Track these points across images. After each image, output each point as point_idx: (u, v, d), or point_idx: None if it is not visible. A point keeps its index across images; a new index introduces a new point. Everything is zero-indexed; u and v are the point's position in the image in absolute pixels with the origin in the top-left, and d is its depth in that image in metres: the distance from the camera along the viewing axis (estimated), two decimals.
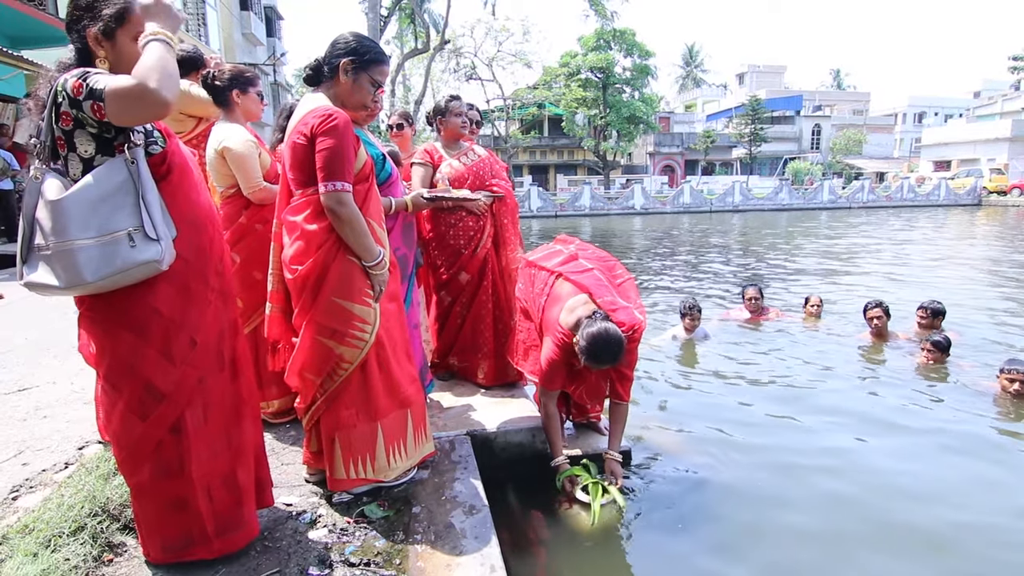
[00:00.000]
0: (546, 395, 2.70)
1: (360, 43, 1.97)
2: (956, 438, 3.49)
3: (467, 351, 3.29)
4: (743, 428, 3.65)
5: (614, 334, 2.39)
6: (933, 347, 4.54)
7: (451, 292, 3.24)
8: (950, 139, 39.78)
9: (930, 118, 49.84)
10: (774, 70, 52.20)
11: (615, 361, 2.43)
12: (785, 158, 41.90)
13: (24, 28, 8.94)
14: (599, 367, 2.49)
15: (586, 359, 2.43)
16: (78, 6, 1.47)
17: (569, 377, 2.75)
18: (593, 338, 2.38)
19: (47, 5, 9.39)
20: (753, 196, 30.33)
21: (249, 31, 24.10)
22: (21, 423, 2.57)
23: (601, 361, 2.42)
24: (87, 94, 1.37)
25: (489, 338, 3.25)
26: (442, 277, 3.22)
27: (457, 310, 3.25)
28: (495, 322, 3.27)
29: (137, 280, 1.46)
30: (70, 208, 1.37)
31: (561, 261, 2.90)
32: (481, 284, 3.22)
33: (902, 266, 10.57)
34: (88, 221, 1.38)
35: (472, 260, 3.18)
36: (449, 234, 3.16)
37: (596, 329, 2.39)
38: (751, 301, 5.97)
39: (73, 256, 1.37)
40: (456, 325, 3.28)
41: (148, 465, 1.59)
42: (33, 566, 1.58)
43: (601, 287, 2.71)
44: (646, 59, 33.98)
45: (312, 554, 1.80)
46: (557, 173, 42.10)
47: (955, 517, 2.71)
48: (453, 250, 3.17)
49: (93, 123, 1.41)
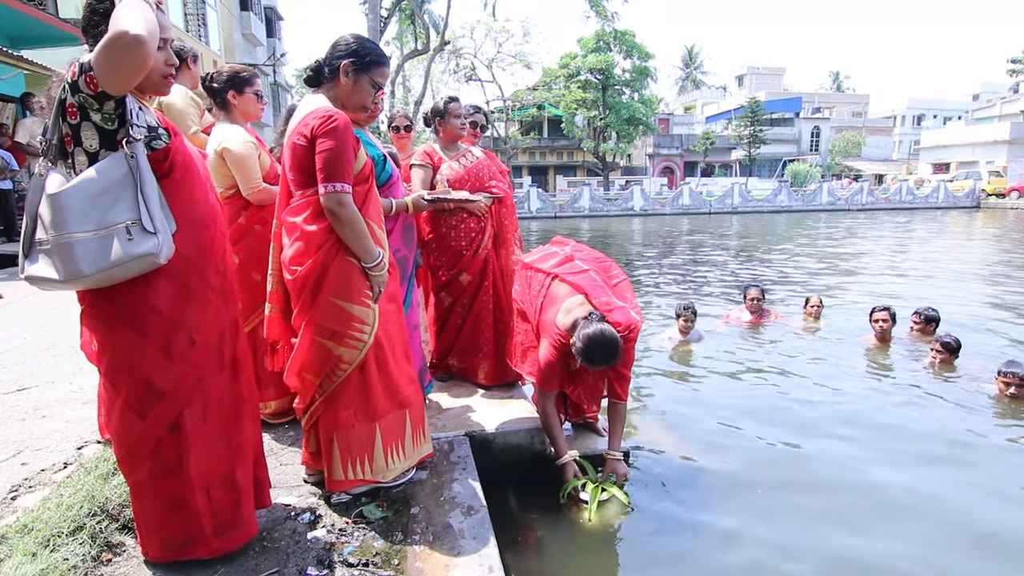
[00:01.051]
0: (544, 396, 2.70)
1: (361, 45, 1.97)
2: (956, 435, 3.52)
3: (467, 352, 3.29)
4: (737, 428, 3.67)
5: (610, 335, 2.40)
6: (942, 347, 4.55)
7: (452, 293, 3.24)
8: (949, 141, 39.85)
9: (929, 120, 49.94)
10: (773, 72, 52.28)
11: (611, 362, 2.44)
12: (784, 160, 41.99)
13: (24, 28, 8.93)
14: (596, 368, 2.50)
15: (583, 360, 2.43)
16: (95, 11, 1.48)
17: (567, 378, 2.76)
18: (589, 339, 2.39)
19: (47, 5, 9.40)
20: (752, 198, 30.37)
21: (249, 31, 24.14)
22: (20, 423, 2.57)
23: (597, 362, 2.43)
24: (79, 70, 1.39)
25: (490, 338, 3.25)
26: (442, 279, 3.22)
27: (458, 311, 3.25)
28: (496, 322, 3.28)
29: (135, 274, 1.46)
30: (69, 201, 1.38)
31: (557, 263, 2.91)
32: (482, 285, 3.23)
33: (899, 269, 10.58)
34: (87, 214, 1.38)
35: (474, 261, 3.18)
36: (451, 236, 3.16)
37: (592, 330, 2.40)
38: (753, 302, 5.97)
39: (71, 249, 1.38)
40: (456, 326, 3.28)
41: (147, 463, 1.59)
42: (32, 566, 1.58)
43: (597, 288, 2.72)
44: (646, 61, 34.04)
45: (311, 554, 1.80)
46: (556, 174, 42.13)
47: (956, 517, 2.72)
48: (455, 252, 3.17)
49: (92, 101, 1.41)
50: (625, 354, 2.55)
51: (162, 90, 1.57)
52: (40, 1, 9.26)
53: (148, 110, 1.60)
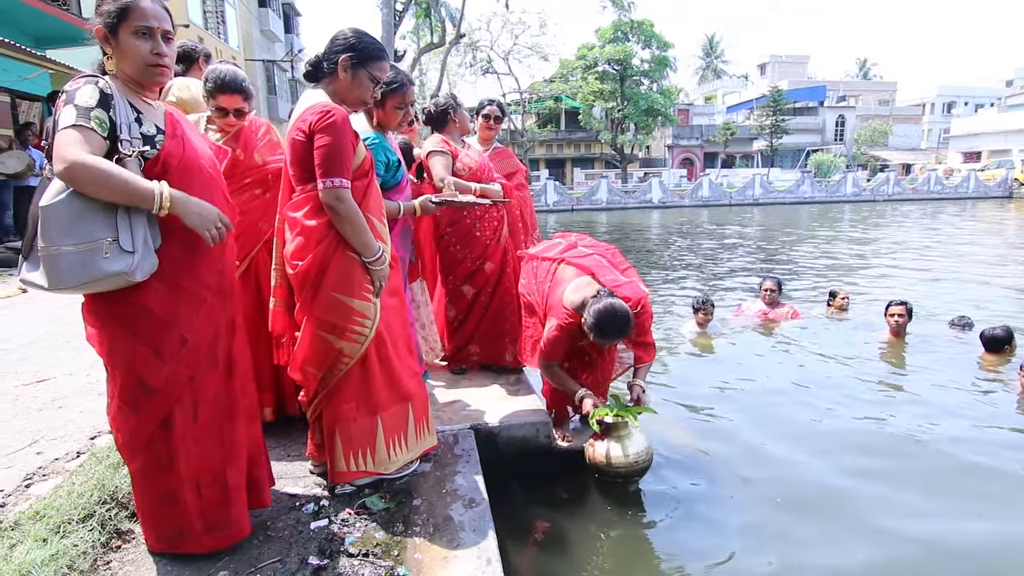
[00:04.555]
0: (548, 366, 2.78)
1: (359, 39, 1.97)
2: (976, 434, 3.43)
3: (491, 338, 3.35)
4: (752, 424, 3.62)
5: (620, 308, 2.46)
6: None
7: (475, 284, 3.29)
8: (980, 129, 38.59)
9: (960, 108, 48.36)
10: (797, 60, 51.08)
11: (623, 335, 2.50)
12: (808, 150, 41.09)
13: (49, 28, 9.15)
14: (609, 342, 2.56)
15: (595, 335, 2.49)
16: (96, 7, 1.52)
17: (579, 365, 2.84)
18: (600, 314, 2.45)
19: (71, 5, 9.59)
20: (774, 189, 29.84)
21: (267, 28, 24.36)
22: (38, 413, 2.65)
23: (610, 336, 2.49)
24: (53, 124, 1.45)
25: (516, 322, 3.32)
26: (466, 270, 3.27)
27: (482, 300, 3.31)
28: (519, 307, 3.33)
29: (114, 288, 1.48)
30: (56, 215, 1.40)
31: (562, 249, 2.97)
32: (504, 271, 3.31)
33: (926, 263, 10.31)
34: (71, 229, 1.41)
35: (496, 249, 3.27)
36: (476, 227, 3.23)
37: (603, 305, 2.46)
38: (767, 292, 5.87)
39: (56, 260, 1.41)
40: (479, 316, 3.33)
41: (141, 457, 1.63)
42: (43, 551, 1.63)
43: (603, 268, 2.79)
44: (665, 50, 33.53)
45: (313, 544, 1.83)
46: (574, 167, 41.84)
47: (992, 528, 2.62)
48: (481, 242, 3.24)
49: None
50: (639, 325, 2.62)
51: (157, 79, 1.58)
52: (64, 2, 9.46)
53: (155, 109, 1.61)
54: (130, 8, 1.49)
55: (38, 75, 8.94)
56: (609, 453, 2.60)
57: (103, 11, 1.50)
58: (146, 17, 1.51)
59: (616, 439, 2.61)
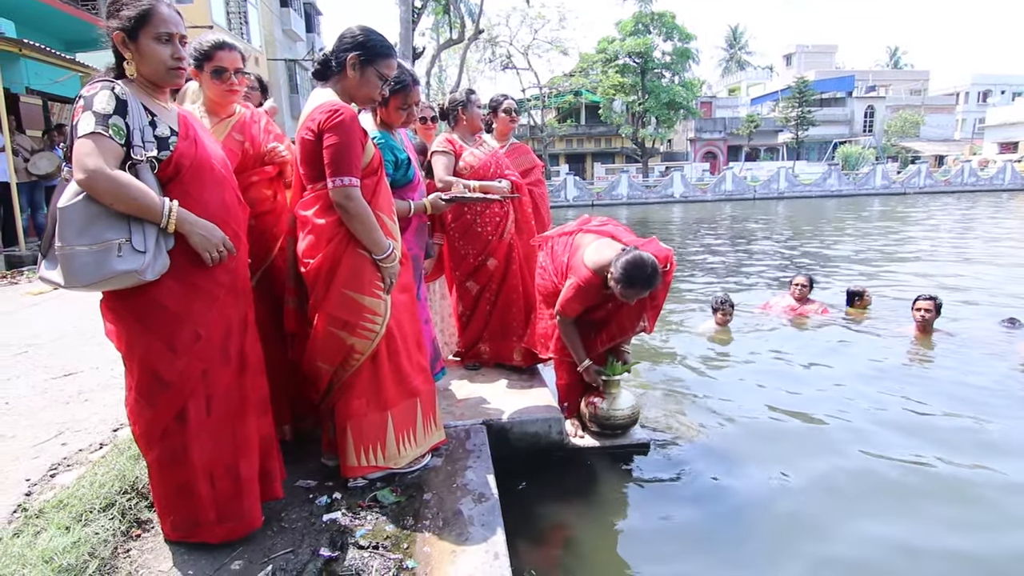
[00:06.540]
0: (565, 321, 2.87)
1: (367, 37, 1.98)
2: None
3: (499, 337, 3.35)
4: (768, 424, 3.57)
5: (649, 259, 2.50)
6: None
7: (479, 280, 3.30)
8: (1018, 119, 37.23)
9: (996, 96, 46.62)
10: (824, 50, 49.83)
11: (650, 286, 2.54)
12: (835, 142, 40.15)
13: (78, 32, 9.41)
14: (636, 294, 2.58)
15: (622, 287, 2.53)
16: (108, 12, 1.56)
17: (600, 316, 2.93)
18: (629, 264, 2.49)
19: (99, 9, 9.84)
20: (800, 182, 29.23)
21: (289, 27, 24.63)
22: (64, 406, 2.75)
23: (638, 287, 2.53)
24: (72, 129, 1.49)
25: (522, 321, 3.32)
26: (470, 266, 3.28)
27: (487, 297, 3.32)
28: (525, 305, 3.34)
29: (128, 286, 1.53)
30: (72, 216, 1.46)
31: (577, 224, 3.07)
32: (509, 269, 3.30)
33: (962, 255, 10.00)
34: (85, 230, 1.46)
35: (500, 245, 3.26)
36: (477, 223, 3.23)
37: (632, 256, 2.51)
38: (797, 287, 5.75)
39: (72, 260, 1.46)
40: (486, 312, 3.34)
41: (157, 448, 1.68)
42: (65, 538, 1.69)
43: (622, 233, 2.88)
44: (687, 42, 33.07)
45: (324, 536, 1.86)
46: (594, 161, 41.57)
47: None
48: (481, 238, 3.24)
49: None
50: (664, 284, 2.68)
51: (174, 81, 1.63)
52: (93, 5, 9.72)
53: (169, 111, 1.65)
54: (151, 14, 1.54)
55: (68, 78, 9.21)
56: (611, 407, 3.00)
57: (123, 16, 1.54)
58: (167, 23, 1.56)
59: (611, 398, 3.00)
